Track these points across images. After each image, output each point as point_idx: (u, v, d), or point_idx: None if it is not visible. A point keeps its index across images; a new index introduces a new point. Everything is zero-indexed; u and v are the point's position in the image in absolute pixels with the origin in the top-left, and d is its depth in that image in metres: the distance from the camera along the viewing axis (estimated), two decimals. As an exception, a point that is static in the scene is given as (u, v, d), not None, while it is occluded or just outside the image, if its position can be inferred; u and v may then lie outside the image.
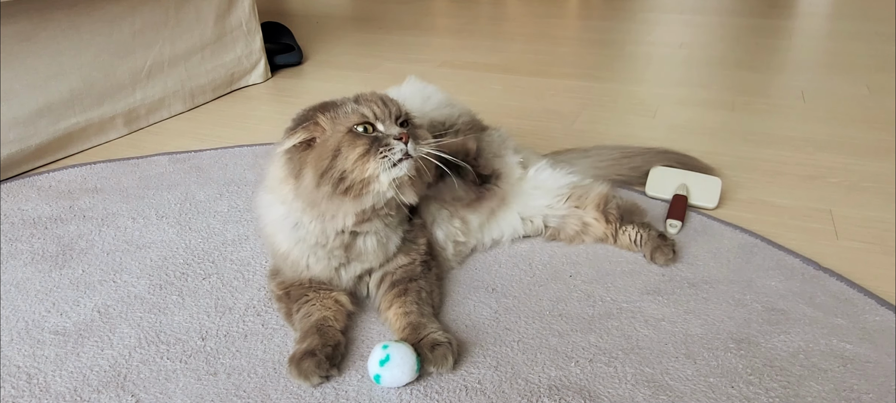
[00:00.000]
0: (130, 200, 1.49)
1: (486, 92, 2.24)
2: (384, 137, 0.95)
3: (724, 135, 1.81)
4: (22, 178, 1.62)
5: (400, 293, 1.04)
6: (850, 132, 1.80)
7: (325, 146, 0.94)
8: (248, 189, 1.52)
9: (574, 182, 1.28)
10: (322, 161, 0.94)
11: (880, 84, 2.18)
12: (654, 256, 1.19)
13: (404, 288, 1.04)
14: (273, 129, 1.93)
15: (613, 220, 1.24)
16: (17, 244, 1.31)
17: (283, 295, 1.06)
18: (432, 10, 3.78)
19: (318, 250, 1.02)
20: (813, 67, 2.48)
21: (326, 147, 0.94)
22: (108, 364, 0.98)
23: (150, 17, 1.94)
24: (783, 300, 1.09)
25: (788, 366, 0.95)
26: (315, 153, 0.95)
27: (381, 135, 0.95)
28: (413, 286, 1.05)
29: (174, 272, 1.21)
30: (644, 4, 3.77)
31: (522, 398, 0.91)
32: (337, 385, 0.93)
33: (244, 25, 2.25)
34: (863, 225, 1.33)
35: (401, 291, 1.04)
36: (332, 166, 0.93)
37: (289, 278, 1.07)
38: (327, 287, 1.06)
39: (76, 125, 1.78)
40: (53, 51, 1.71)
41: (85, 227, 1.37)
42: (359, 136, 0.94)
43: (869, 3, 3.48)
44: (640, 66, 2.58)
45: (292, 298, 1.05)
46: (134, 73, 1.92)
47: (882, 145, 1.70)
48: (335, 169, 0.93)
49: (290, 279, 1.07)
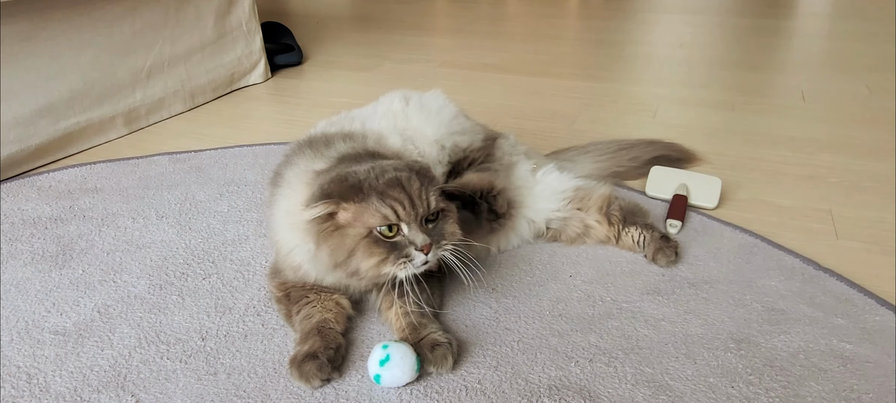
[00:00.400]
0: (130, 200, 1.49)
1: (486, 92, 2.24)
2: (406, 244, 0.91)
3: (724, 135, 1.81)
4: (22, 178, 1.62)
5: (402, 293, 1.04)
6: (850, 132, 1.80)
7: (344, 240, 0.91)
8: (249, 189, 1.52)
9: (578, 185, 1.29)
10: (338, 253, 0.91)
11: (880, 84, 2.18)
12: (656, 257, 1.19)
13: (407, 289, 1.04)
14: (273, 129, 1.94)
15: (616, 222, 1.24)
16: (17, 244, 1.31)
17: (283, 297, 1.06)
18: (432, 10, 3.78)
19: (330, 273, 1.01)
20: (813, 67, 2.48)
21: (344, 242, 0.90)
22: (108, 364, 0.98)
23: (150, 17, 1.94)
24: (783, 300, 1.09)
25: (788, 366, 0.95)
26: (333, 241, 0.91)
27: (402, 241, 0.91)
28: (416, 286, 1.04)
29: (174, 272, 1.21)
30: (644, 4, 3.77)
31: (522, 398, 0.91)
32: (337, 386, 0.93)
33: (244, 25, 2.25)
34: (863, 225, 1.33)
35: (403, 291, 1.04)
36: (347, 263, 0.91)
37: (291, 279, 1.07)
38: (328, 290, 1.06)
39: (76, 125, 1.78)
40: (53, 51, 1.71)
41: (85, 227, 1.37)
42: (378, 243, 0.90)
43: (869, 3, 3.48)
44: (640, 66, 2.58)
45: (292, 299, 1.05)
46: (134, 73, 1.92)
47: (882, 145, 1.70)
48: (350, 266, 0.91)
49: (292, 280, 1.07)
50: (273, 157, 1.68)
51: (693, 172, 1.48)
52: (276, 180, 1.09)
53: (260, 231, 1.34)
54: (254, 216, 1.40)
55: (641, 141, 1.60)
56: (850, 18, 3.26)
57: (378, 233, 0.90)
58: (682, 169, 1.50)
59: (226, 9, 2.18)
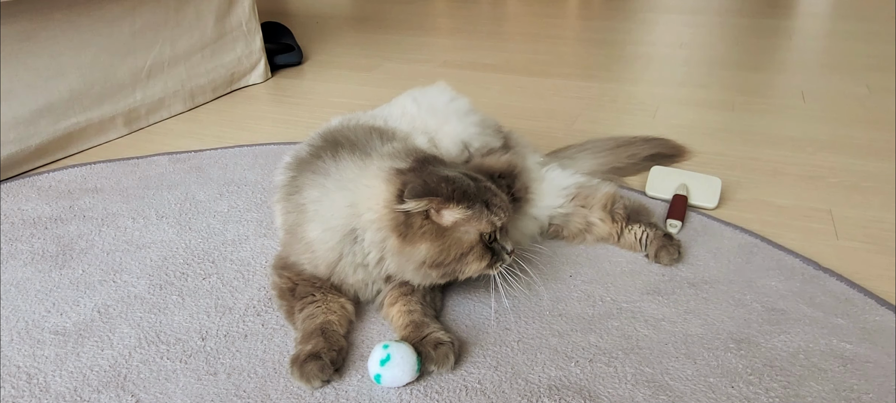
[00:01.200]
0: (130, 200, 1.49)
1: (486, 92, 2.24)
2: (501, 250, 1.00)
3: (724, 135, 1.81)
4: (22, 178, 1.62)
5: (406, 291, 1.04)
6: (850, 132, 1.80)
7: (453, 242, 0.95)
8: (248, 189, 1.52)
9: (581, 182, 1.29)
10: (442, 254, 0.95)
11: (880, 84, 2.18)
12: (658, 255, 1.19)
13: (411, 287, 1.04)
14: (273, 129, 1.94)
15: (619, 219, 1.24)
16: (17, 244, 1.31)
17: (288, 291, 1.05)
18: (432, 10, 3.78)
19: (360, 269, 1.02)
20: (813, 67, 2.48)
21: (454, 244, 0.95)
22: (108, 364, 0.98)
23: (150, 17, 1.94)
24: (783, 300, 1.09)
25: (788, 366, 0.95)
26: (440, 241, 0.95)
27: (498, 247, 1.00)
28: (421, 287, 1.05)
29: (174, 272, 1.21)
30: (644, 4, 3.77)
31: (522, 398, 0.91)
32: (337, 386, 0.93)
33: (244, 25, 2.25)
34: (863, 225, 1.33)
35: (408, 290, 1.04)
36: (449, 264, 0.96)
37: (307, 271, 1.05)
38: (335, 292, 1.05)
39: (76, 125, 1.78)
40: (53, 51, 1.71)
41: (85, 227, 1.37)
42: (486, 249, 0.98)
43: (869, 3, 3.48)
44: (639, 66, 2.58)
45: (297, 295, 1.04)
46: (134, 73, 1.92)
47: (882, 145, 1.70)
48: (452, 268, 0.97)
49: (308, 273, 1.05)
50: (273, 157, 1.68)
51: (693, 172, 1.48)
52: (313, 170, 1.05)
53: (260, 231, 1.34)
54: (254, 216, 1.40)
55: (638, 138, 1.61)
56: (850, 18, 3.26)
57: (485, 238, 0.98)
58: (682, 169, 1.50)
59: (226, 9, 2.18)
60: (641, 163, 1.54)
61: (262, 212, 1.42)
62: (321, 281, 1.05)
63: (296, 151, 1.16)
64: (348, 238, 1.00)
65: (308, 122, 1.98)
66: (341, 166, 1.03)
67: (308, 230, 1.03)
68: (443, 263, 0.96)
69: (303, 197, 1.04)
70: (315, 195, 1.03)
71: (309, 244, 1.03)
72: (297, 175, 1.09)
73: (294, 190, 1.07)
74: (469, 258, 0.97)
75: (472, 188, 0.96)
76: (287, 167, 1.14)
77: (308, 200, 1.03)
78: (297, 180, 1.08)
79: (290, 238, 1.09)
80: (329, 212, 1.00)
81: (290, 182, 1.10)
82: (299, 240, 1.05)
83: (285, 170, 1.14)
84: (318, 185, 1.03)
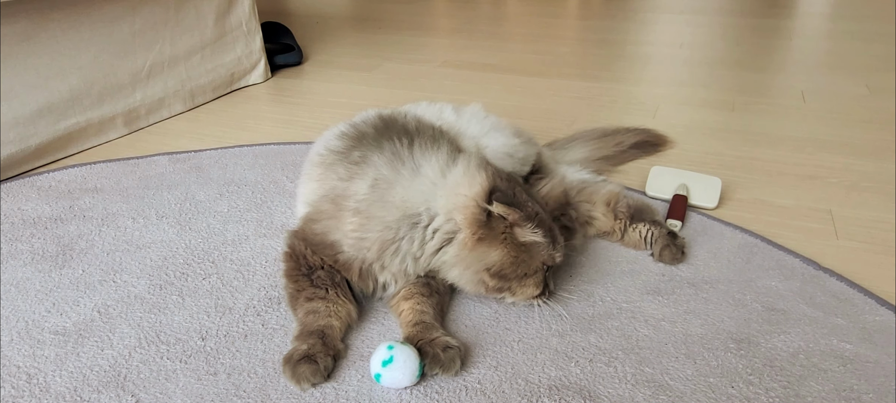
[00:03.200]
0: (130, 200, 1.49)
1: (486, 92, 2.24)
2: (549, 280, 1.04)
3: (724, 135, 1.81)
4: (22, 178, 1.62)
5: (423, 292, 1.04)
6: (850, 132, 1.80)
7: (523, 261, 0.99)
8: (249, 189, 1.52)
9: (584, 178, 1.30)
10: (512, 267, 0.98)
11: (880, 84, 2.18)
12: (662, 254, 1.19)
13: (429, 290, 1.04)
14: (273, 129, 1.94)
15: (622, 217, 1.25)
16: (17, 244, 1.31)
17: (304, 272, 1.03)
18: (432, 10, 3.78)
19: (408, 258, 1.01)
20: (813, 67, 2.48)
21: (524, 264, 0.99)
22: (108, 364, 0.98)
23: (150, 17, 1.94)
24: (783, 300, 1.09)
25: (788, 366, 0.95)
26: (513, 254, 0.98)
27: (548, 278, 1.04)
28: (436, 294, 1.05)
29: (174, 272, 1.21)
30: (644, 4, 3.77)
31: (522, 398, 0.91)
32: (337, 385, 0.93)
33: (244, 25, 2.25)
34: (863, 225, 1.33)
35: (425, 291, 1.04)
36: (512, 279, 0.99)
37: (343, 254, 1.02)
38: (345, 296, 1.03)
39: (76, 125, 1.78)
40: (53, 51, 1.71)
41: (85, 227, 1.37)
42: (542, 278, 1.02)
43: (869, 3, 3.48)
44: (639, 66, 2.58)
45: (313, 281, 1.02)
46: (134, 73, 1.92)
47: (882, 145, 1.70)
48: (511, 284, 1.00)
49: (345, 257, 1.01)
50: (273, 157, 1.68)
51: (693, 172, 1.48)
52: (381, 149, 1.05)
53: (260, 231, 1.34)
54: (254, 216, 1.40)
55: (621, 128, 1.68)
56: (850, 18, 3.26)
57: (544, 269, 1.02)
58: (682, 169, 1.50)
59: (226, 9, 2.18)
60: (628, 151, 1.61)
61: (262, 212, 1.42)
62: (344, 270, 1.03)
63: (353, 124, 1.15)
64: (408, 221, 0.99)
65: (308, 122, 1.98)
66: (417, 153, 1.03)
67: (371, 207, 0.99)
68: (508, 275, 0.99)
69: (368, 170, 1.02)
70: (386, 173, 1.01)
71: (365, 220, 0.99)
72: (356, 147, 1.07)
73: (356, 160, 1.05)
74: (530, 281, 1.01)
75: (547, 219, 1.01)
76: (342, 136, 1.12)
77: (378, 175, 1.01)
78: (357, 151, 1.06)
79: (332, 210, 1.03)
80: (400, 192, 0.99)
81: (347, 151, 1.08)
82: (350, 213, 1.01)
83: (340, 138, 1.12)
84: (391, 164, 1.02)
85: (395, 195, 1.00)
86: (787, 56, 2.68)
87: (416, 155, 1.03)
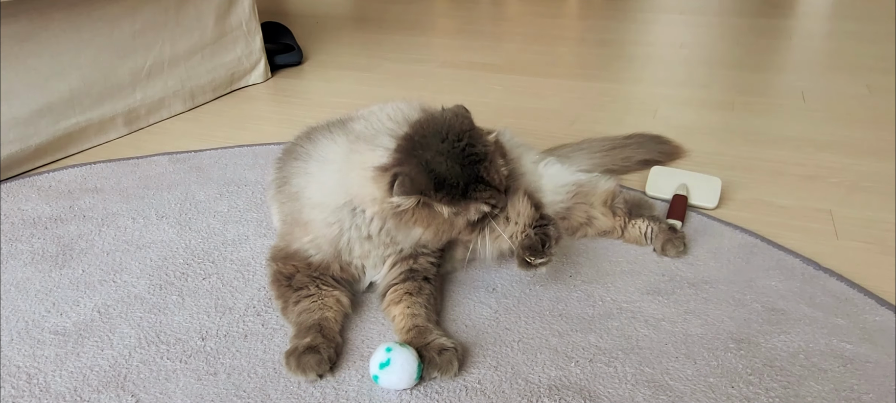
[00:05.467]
0: (130, 200, 1.49)
1: (486, 92, 2.24)
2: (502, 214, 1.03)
3: (724, 135, 1.81)
4: (22, 178, 1.62)
5: (412, 291, 1.04)
6: (850, 132, 1.80)
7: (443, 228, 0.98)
8: (249, 189, 1.52)
9: (580, 178, 1.29)
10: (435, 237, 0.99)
11: (880, 84, 2.18)
12: (665, 248, 1.20)
13: (418, 287, 1.04)
14: (273, 129, 1.94)
15: (621, 214, 1.25)
16: (17, 244, 1.31)
17: (285, 280, 1.05)
18: (432, 10, 3.78)
19: (365, 241, 1.02)
20: (813, 67, 2.48)
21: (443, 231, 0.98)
22: (108, 364, 0.98)
23: (150, 17, 1.94)
24: (783, 300, 1.09)
25: (788, 366, 0.95)
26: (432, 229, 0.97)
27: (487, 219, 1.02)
28: (426, 287, 1.05)
29: (174, 272, 1.21)
30: (644, 4, 3.77)
31: (522, 398, 0.91)
32: (337, 385, 0.93)
33: (244, 25, 2.24)
34: (863, 225, 1.33)
35: (414, 289, 1.04)
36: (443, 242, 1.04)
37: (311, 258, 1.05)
38: (330, 284, 1.05)
39: (76, 125, 1.78)
40: (53, 51, 1.71)
41: (85, 227, 1.37)
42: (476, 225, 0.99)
43: (869, 3, 3.48)
44: (639, 66, 2.58)
45: (293, 286, 1.04)
46: (134, 73, 1.92)
47: (882, 145, 1.70)
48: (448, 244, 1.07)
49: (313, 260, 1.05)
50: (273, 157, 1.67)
51: (693, 172, 1.48)
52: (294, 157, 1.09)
53: (260, 231, 1.34)
54: (254, 216, 1.40)
55: (633, 139, 1.61)
56: (850, 18, 3.26)
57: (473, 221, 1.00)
58: (682, 169, 1.50)
59: (226, 9, 2.18)
60: (637, 166, 1.56)
61: (261, 212, 1.42)
62: (322, 270, 1.05)
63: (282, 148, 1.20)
64: (346, 210, 1.00)
65: (308, 122, 1.96)
66: (318, 145, 1.06)
67: (305, 213, 1.04)
68: (438, 242, 1.03)
69: (292, 185, 1.07)
70: (302, 181, 1.06)
71: (307, 225, 1.04)
72: (282, 167, 1.13)
73: (283, 182, 1.11)
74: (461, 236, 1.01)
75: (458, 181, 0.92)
76: (274, 163, 1.18)
77: (298, 186, 1.06)
78: (283, 171, 1.12)
79: (289, 227, 1.09)
80: (320, 191, 1.02)
81: (278, 176, 1.14)
82: (299, 225, 1.06)
83: (273, 166, 1.19)
84: (302, 170, 1.06)
85: (315, 193, 1.03)
86: (787, 56, 2.68)
87: (318, 148, 1.05)
